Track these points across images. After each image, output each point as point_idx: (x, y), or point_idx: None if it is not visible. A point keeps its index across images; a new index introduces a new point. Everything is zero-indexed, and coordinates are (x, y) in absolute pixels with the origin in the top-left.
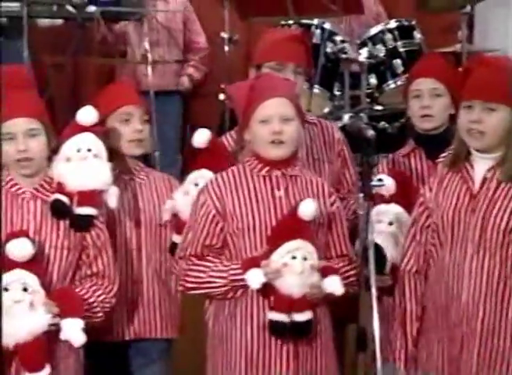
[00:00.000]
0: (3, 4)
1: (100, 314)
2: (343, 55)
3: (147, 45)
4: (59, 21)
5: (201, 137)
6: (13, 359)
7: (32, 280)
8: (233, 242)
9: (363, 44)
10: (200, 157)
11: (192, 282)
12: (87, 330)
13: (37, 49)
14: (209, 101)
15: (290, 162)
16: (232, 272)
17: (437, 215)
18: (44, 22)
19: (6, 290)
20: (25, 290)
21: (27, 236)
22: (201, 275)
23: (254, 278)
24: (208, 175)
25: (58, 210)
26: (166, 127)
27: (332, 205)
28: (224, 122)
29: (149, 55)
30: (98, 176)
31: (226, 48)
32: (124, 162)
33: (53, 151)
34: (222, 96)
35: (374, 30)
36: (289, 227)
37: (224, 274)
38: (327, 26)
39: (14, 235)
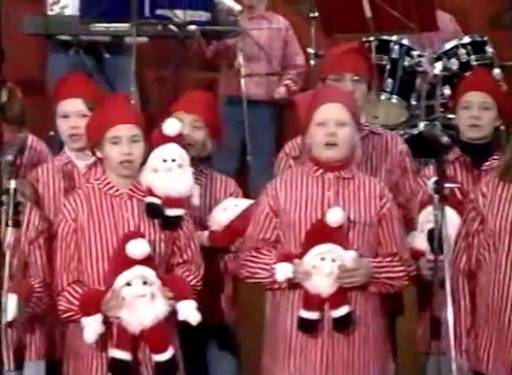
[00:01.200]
0: (113, 24)
1: (193, 296)
2: (419, 69)
3: (241, 60)
4: (145, 39)
5: None
6: (139, 345)
7: (149, 273)
8: (284, 236)
9: (438, 58)
10: None
11: (247, 271)
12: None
13: (141, 64)
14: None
15: (344, 165)
16: (274, 265)
17: (493, 221)
18: (129, 39)
19: (129, 285)
20: (145, 283)
21: (142, 236)
22: (253, 265)
23: (282, 271)
24: None
25: (152, 211)
26: (260, 133)
27: (382, 206)
28: None
29: (242, 69)
30: (181, 186)
31: (312, 62)
32: None
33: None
34: None
35: (448, 45)
36: (319, 232)
37: (268, 267)
38: (405, 42)
39: (130, 236)
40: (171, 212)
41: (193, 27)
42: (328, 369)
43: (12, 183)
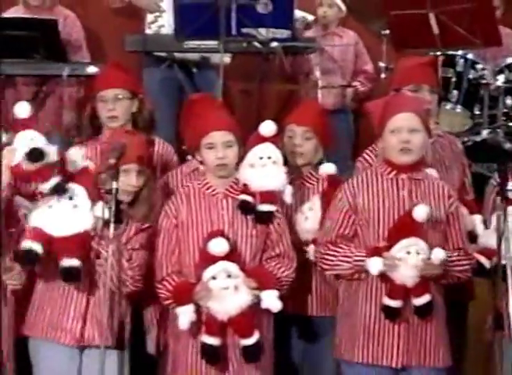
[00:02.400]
0: (203, 42)
1: (285, 287)
2: (483, 81)
3: (317, 73)
4: (228, 59)
5: None
6: (227, 330)
7: (233, 267)
8: (362, 232)
9: (500, 71)
10: None
11: (327, 264)
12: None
13: (227, 77)
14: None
15: (416, 167)
16: (356, 258)
17: None
18: (214, 58)
19: (214, 278)
20: (229, 276)
21: (223, 235)
22: (333, 258)
23: (375, 265)
24: None
25: (245, 208)
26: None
27: (450, 205)
28: None
29: (319, 82)
30: (275, 180)
31: (383, 75)
32: (293, 169)
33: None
34: None
35: (510, 59)
36: (404, 227)
37: (349, 259)
38: (470, 56)
39: (213, 235)
40: (263, 207)
41: (275, 44)
42: (404, 358)
43: (114, 184)
